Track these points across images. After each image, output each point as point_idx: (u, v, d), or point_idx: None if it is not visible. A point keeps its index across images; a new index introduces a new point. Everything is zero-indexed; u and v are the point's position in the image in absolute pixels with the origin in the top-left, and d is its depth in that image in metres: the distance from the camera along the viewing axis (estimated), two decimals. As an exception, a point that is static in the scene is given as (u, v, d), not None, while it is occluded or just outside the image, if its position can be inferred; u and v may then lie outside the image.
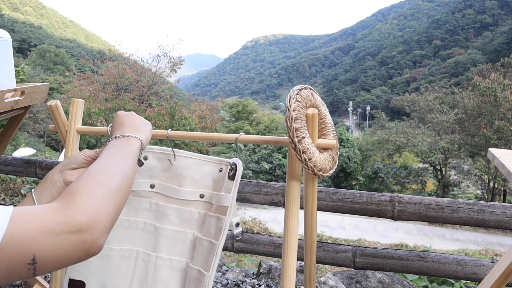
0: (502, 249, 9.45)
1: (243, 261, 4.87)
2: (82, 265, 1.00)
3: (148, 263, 1.02)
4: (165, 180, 1.04)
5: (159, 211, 1.03)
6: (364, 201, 1.75)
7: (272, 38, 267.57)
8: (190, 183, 1.02)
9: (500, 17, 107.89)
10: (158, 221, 1.03)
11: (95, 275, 1.02)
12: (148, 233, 1.03)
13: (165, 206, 1.03)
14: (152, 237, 1.03)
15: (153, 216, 1.04)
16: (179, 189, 1.02)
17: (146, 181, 1.05)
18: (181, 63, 15.59)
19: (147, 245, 1.03)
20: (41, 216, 0.50)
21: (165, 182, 1.04)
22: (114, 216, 0.58)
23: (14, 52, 4.63)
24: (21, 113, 1.57)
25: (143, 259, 1.02)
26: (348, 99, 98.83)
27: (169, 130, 1.04)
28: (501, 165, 1.07)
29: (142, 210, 1.04)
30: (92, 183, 0.58)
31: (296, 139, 0.85)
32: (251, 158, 17.75)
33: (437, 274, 1.77)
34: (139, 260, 1.03)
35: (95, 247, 0.53)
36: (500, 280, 0.97)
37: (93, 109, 12.51)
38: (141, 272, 1.02)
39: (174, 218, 1.02)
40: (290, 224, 0.91)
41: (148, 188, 1.05)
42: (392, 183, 19.59)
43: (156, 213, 1.03)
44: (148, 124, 0.90)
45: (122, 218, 1.02)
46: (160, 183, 1.04)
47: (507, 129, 13.84)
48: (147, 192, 1.05)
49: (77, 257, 0.52)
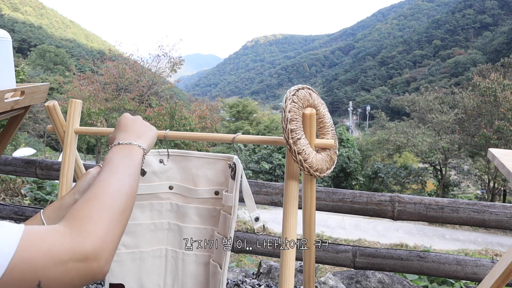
0: (502, 249, 9.45)
1: (243, 261, 4.87)
2: (119, 269, 1.09)
3: (177, 260, 1.11)
4: (181, 181, 1.10)
5: (180, 211, 1.10)
6: (364, 201, 1.75)
7: (272, 38, 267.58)
8: (205, 181, 1.08)
9: (500, 17, 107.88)
10: (180, 220, 1.11)
11: (132, 277, 1.11)
12: (173, 232, 1.12)
13: (185, 206, 1.10)
14: (177, 235, 1.11)
15: (175, 216, 1.11)
16: (195, 189, 1.08)
17: (165, 183, 1.11)
18: (181, 63, 15.59)
19: (173, 243, 1.12)
20: (49, 242, 0.49)
21: (182, 183, 1.10)
22: (119, 239, 0.59)
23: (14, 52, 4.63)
24: (21, 113, 1.57)
25: (172, 256, 1.13)
26: (348, 99, 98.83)
27: (167, 130, 1.04)
28: (501, 165, 1.07)
29: (165, 212, 1.12)
30: (100, 207, 0.58)
31: (291, 140, 0.85)
32: (251, 158, 17.76)
33: (437, 274, 1.77)
34: (168, 257, 1.13)
35: (101, 275, 0.53)
36: (500, 280, 0.97)
37: (93, 109, 12.51)
38: (172, 268, 1.12)
39: (194, 217, 1.09)
40: (289, 223, 0.91)
41: (167, 190, 1.11)
42: (392, 183, 19.58)
43: (178, 213, 1.11)
44: (152, 130, 0.88)
45: (147, 222, 1.10)
46: (177, 184, 1.11)
47: (507, 129, 13.84)
48: (167, 194, 1.11)
49: (82, 283, 0.52)
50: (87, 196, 0.60)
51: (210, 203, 1.08)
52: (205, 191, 1.08)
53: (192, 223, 1.09)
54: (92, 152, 22.28)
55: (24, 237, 0.48)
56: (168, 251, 1.12)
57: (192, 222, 1.09)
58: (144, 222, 1.09)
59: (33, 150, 7.08)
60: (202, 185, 1.08)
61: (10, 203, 2.99)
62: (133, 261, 1.10)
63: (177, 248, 1.11)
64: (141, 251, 1.10)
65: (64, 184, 1.10)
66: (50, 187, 4.72)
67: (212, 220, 1.08)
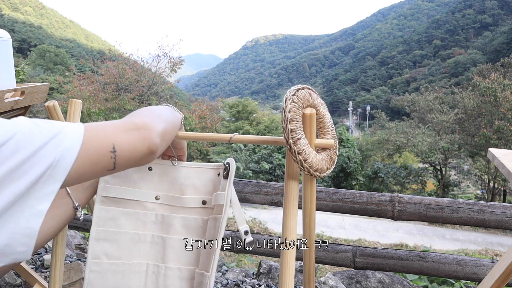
0: (502, 249, 9.45)
1: (243, 261, 4.87)
2: (100, 282, 1.03)
3: (158, 275, 1.03)
4: (168, 190, 1.06)
5: (165, 222, 1.04)
6: (364, 201, 1.75)
7: (272, 38, 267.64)
8: (192, 190, 1.04)
9: (500, 17, 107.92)
10: (164, 232, 1.04)
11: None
12: (156, 245, 1.04)
13: (170, 216, 1.04)
14: (160, 248, 1.04)
15: (160, 228, 1.05)
16: (181, 197, 1.04)
17: (152, 192, 1.06)
18: (181, 63, 15.59)
19: (156, 257, 1.04)
20: (110, 122, 0.65)
21: (169, 193, 1.06)
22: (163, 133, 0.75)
23: (14, 52, 4.64)
24: (21, 113, 1.57)
25: (153, 271, 1.04)
26: (348, 99, 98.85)
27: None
28: (501, 165, 1.07)
29: (149, 223, 1.05)
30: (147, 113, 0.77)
31: (291, 140, 0.85)
32: (251, 158, 17.75)
33: (437, 274, 1.77)
34: (149, 273, 1.04)
35: (153, 144, 0.69)
36: (500, 280, 0.97)
37: (93, 109, 12.51)
38: (152, 284, 1.04)
39: (179, 228, 1.03)
40: (289, 223, 0.91)
41: (154, 200, 1.05)
42: (392, 183, 19.58)
43: (162, 224, 1.04)
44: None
45: (131, 232, 1.04)
46: (164, 194, 1.06)
47: (507, 129, 13.84)
48: (153, 204, 1.05)
49: (142, 150, 0.67)
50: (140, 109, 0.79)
51: (197, 212, 1.03)
52: (192, 200, 1.04)
53: (177, 234, 1.03)
54: (92, 152, 22.24)
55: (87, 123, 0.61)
56: (149, 266, 1.04)
57: (177, 233, 1.03)
58: (128, 231, 1.04)
59: (33, 150, 7.09)
60: (189, 194, 1.04)
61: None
62: (114, 274, 1.03)
63: (160, 262, 1.03)
64: (123, 263, 1.03)
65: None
66: (50, 187, 4.71)
67: (199, 231, 1.03)
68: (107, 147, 0.59)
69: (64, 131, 0.55)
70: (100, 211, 0.98)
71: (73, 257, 2.38)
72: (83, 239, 2.81)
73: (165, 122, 0.79)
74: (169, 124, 0.82)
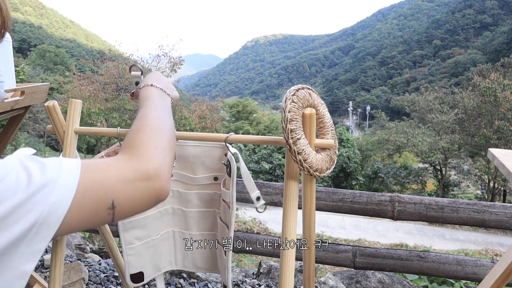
0: (502, 249, 9.45)
1: (243, 261, 4.87)
2: (137, 260, 1.18)
3: (185, 240, 1.21)
4: (180, 169, 1.15)
5: (182, 197, 1.17)
6: (364, 201, 1.75)
7: (272, 38, 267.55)
8: (203, 169, 1.13)
9: (500, 17, 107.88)
10: (183, 205, 1.18)
11: (149, 263, 1.20)
12: (178, 216, 1.20)
13: (186, 192, 1.16)
14: (182, 218, 1.19)
15: (178, 201, 1.18)
16: (194, 177, 1.14)
17: None
18: (181, 63, 15.58)
19: (179, 225, 1.21)
20: (114, 166, 0.54)
21: (181, 171, 1.15)
22: (172, 162, 0.63)
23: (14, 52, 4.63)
24: (21, 113, 1.57)
25: (180, 236, 1.21)
26: (348, 99, 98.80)
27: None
28: (501, 165, 1.07)
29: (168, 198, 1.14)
30: (151, 136, 0.62)
31: (291, 140, 0.85)
32: (251, 158, 17.75)
33: (437, 274, 1.77)
34: (176, 238, 1.22)
35: (164, 194, 0.58)
36: (500, 280, 0.97)
37: (93, 109, 12.50)
38: (181, 246, 1.22)
39: (196, 201, 1.16)
40: (289, 223, 0.91)
41: None
42: (392, 183, 19.58)
43: (180, 199, 1.18)
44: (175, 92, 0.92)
45: (153, 213, 1.17)
46: (177, 172, 1.16)
47: (507, 129, 13.84)
48: None
49: (148, 203, 0.57)
50: (137, 127, 0.64)
51: (210, 188, 1.14)
52: (204, 178, 1.13)
53: (195, 207, 1.16)
54: (92, 152, 22.28)
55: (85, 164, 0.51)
56: (175, 233, 1.21)
57: (195, 206, 1.16)
58: (150, 214, 1.16)
59: (33, 150, 7.09)
60: (200, 172, 1.13)
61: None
62: (147, 249, 1.18)
63: (184, 229, 1.20)
64: (153, 239, 1.18)
65: (64, 184, 1.10)
66: (50, 187, 4.71)
67: (214, 203, 1.15)
68: (104, 204, 0.51)
69: (55, 179, 0.47)
70: None
71: (73, 257, 2.38)
72: (83, 239, 2.81)
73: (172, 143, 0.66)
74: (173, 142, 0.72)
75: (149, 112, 0.70)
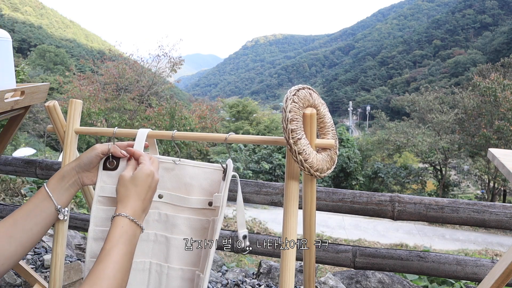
0: (502, 249, 9.45)
1: (243, 261, 4.87)
2: None
3: (161, 274, 1.02)
4: (172, 189, 1.03)
5: (169, 222, 1.02)
6: (364, 201, 1.75)
7: (272, 38, 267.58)
8: (199, 191, 1.01)
9: (500, 17, 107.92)
10: (168, 232, 1.02)
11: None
12: (160, 244, 1.03)
13: (174, 216, 1.01)
14: (164, 247, 1.02)
15: (163, 227, 1.02)
16: (187, 198, 1.01)
17: None
18: (181, 63, 15.58)
19: (159, 256, 1.03)
20: None
21: (173, 192, 1.02)
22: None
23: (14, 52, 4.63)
24: (21, 113, 1.57)
25: (156, 270, 1.03)
26: (348, 99, 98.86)
27: (175, 130, 1.04)
28: (501, 165, 1.07)
29: (152, 222, 1.03)
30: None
31: (292, 140, 0.85)
32: (251, 158, 17.76)
33: (437, 274, 1.77)
34: (152, 272, 1.03)
35: None
36: (500, 280, 0.97)
37: (93, 109, 12.51)
38: (154, 283, 1.03)
39: (184, 228, 1.01)
40: (289, 223, 0.91)
41: (156, 198, 1.02)
42: (392, 183, 19.59)
43: (166, 224, 1.02)
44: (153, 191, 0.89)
45: None
46: (168, 193, 1.03)
47: (507, 129, 13.85)
48: (155, 203, 1.02)
49: None
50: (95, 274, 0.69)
51: (203, 214, 1.01)
52: (198, 201, 1.00)
53: (182, 234, 1.01)
54: (92, 152, 22.23)
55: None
56: (152, 265, 1.03)
57: (181, 233, 1.01)
58: None
59: (33, 150, 7.09)
60: (195, 194, 1.01)
61: (10, 203, 2.99)
62: None
63: (163, 261, 1.02)
64: None
65: (64, 184, 1.10)
66: (50, 187, 4.71)
67: (204, 232, 1.00)
68: None
69: None
70: (97, 211, 0.97)
71: (73, 257, 2.38)
72: (83, 239, 2.81)
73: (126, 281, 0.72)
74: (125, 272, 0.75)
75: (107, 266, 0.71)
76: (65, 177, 0.88)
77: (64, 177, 0.88)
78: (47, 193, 0.85)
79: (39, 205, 0.84)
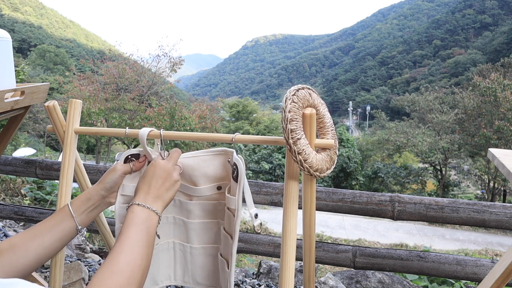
0: (502, 249, 9.45)
1: (243, 261, 4.87)
2: None
3: (185, 252, 1.12)
4: (182, 179, 1.05)
5: (183, 207, 1.09)
6: (364, 201, 1.74)
7: (272, 38, 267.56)
8: (204, 180, 1.04)
9: (500, 17, 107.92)
10: (184, 216, 1.09)
11: None
12: (179, 226, 1.12)
13: (187, 203, 1.07)
14: (183, 230, 1.11)
15: (179, 211, 1.10)
16: (196, 188, 1.05)
17: None
18: (181, 63, 15.59)
19: (180, 237, 1.12)
20: None
21: (182, 182, 1.06)
22: None
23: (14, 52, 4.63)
24: (21, 113, 1.57)
25: (180, 249, 1.14)
26: (348, 99, 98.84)
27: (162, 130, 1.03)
28: (501, 165, 1.07)
29: (169, 206, 1.10)
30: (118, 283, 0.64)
31: (291, 140, 0.84)
32: (251, 158, 17.76)
33: (437, 274, 1.77)
34: (177, 250, 1.14)
35: None
36: (500, 280, 0.97)
37: (93, 109, 12.51)
38: (181, 259, 1.14)
39: (198, 212, 1.07)
40: (289, 224, 0.91)
41: None
42: (392, 183, 19.59)
43: (181, 209, 1.09)
44: (175, 185, 0.91)
45: None
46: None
47: (507, 129, 13.84)
48: None
49: None
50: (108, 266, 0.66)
51: (214, 198, 1.06)
52: (206, 189, 1.04)
53: (197, 218, 1.08)
54: (92, 152, 22.27)
55: None
56: (176, 244, 1.13)
57: (197, 217, 1.08)
58: None
59: (33, 150, 7.08)
60: (202, 183, 1.03)
61: (10, 203, 2.99)
62: None
63: (184, 241, 1.11)
64: None
65: (64, 184, 1.10)
66: (50, 187, 4.71)
67: (218, 213, 1.07)
68: None
69: None
70: (120, 208, 1.01)
71: (73, 257, 2.38)
72: (83, 239, 2.81)
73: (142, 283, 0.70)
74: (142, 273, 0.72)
75: (124, 253, 0.71)
76: (90, 200, 0.90)
77: (89, 200, 0.90)
78: (71, 213, 0.87)
79: (60, 223, 0.86)
